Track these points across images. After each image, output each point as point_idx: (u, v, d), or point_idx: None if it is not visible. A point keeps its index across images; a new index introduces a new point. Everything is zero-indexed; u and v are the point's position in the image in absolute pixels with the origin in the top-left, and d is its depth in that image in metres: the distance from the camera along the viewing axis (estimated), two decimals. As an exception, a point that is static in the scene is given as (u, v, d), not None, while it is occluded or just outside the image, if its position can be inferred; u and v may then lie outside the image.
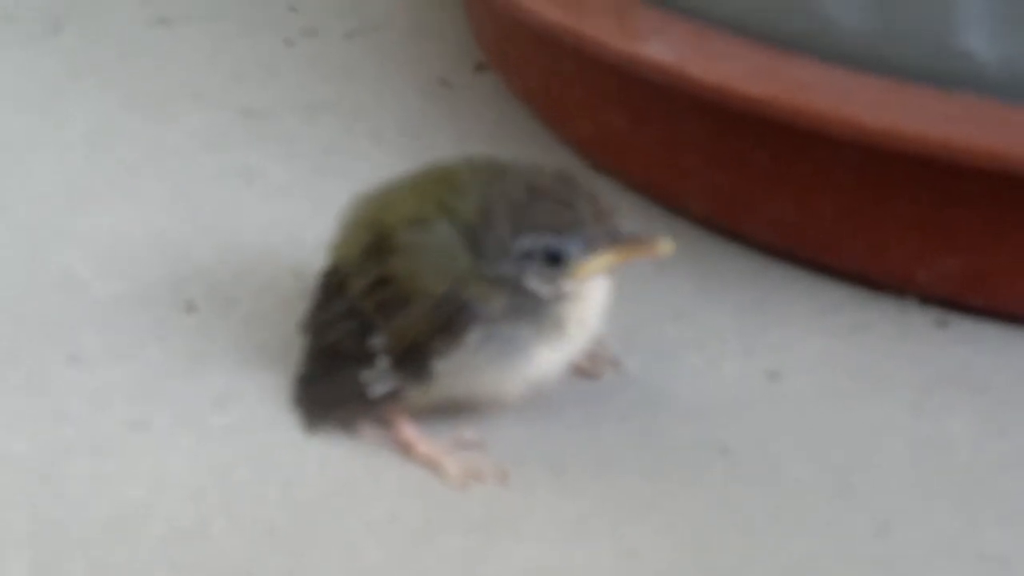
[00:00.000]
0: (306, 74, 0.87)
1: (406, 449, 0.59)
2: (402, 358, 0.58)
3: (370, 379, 0.58)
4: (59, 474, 0.59)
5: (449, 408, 0.60)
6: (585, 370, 0.63)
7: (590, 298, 0.58)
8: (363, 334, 0.59)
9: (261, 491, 0.58)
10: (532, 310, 0.57)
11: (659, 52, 0.68)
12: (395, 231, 0.58)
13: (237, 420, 0.61)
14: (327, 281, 0.61)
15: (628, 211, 0.64)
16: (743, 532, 0.56)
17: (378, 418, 0.60)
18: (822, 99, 0.63)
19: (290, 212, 0.74)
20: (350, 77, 0.87)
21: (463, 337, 0.57)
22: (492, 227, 0.57)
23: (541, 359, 0.58)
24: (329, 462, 0.59)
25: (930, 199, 0.64)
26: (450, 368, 0.57)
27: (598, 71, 0.72)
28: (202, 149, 0.80)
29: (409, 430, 0.59)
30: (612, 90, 0.74)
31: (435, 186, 0.59)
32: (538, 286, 0.57)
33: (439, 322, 0.57)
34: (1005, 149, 0.61)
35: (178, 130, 0.82)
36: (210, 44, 0.91)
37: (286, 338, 0.63)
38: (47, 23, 0.93)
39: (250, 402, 0.62)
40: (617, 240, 0.57)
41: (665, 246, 0.57)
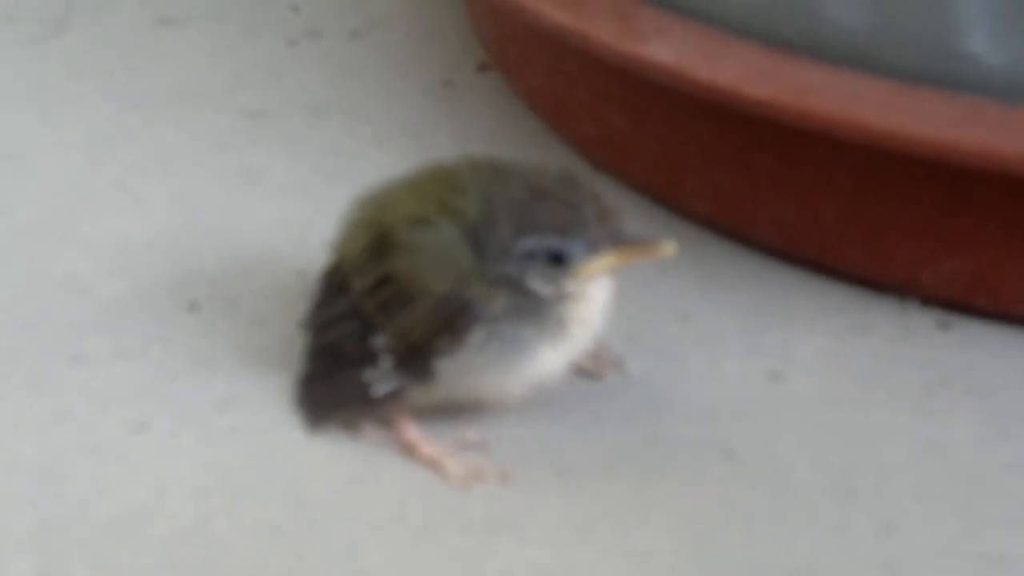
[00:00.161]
0: (308, 75, 0.87)
1: (408, 449, 0.59)
2: (404, 358, 0.58)
3: (372, 379, 0.58)
4: (61, 474, 0.59)
5: (451, 408, 0.60)
6: (587, 371, 0.63)
7: (592, 298, 0.58)
8: (365, 334, 0.59)
9: (263, 491, 0.58)
10: (534, 310, 0.57)
11: (661, 53, 0.68)
12: (396, 230, 0.58)
13: (239, 420, 0.61)
14: (328, 280, 0.61)
15: (630, 212, 0.64)
16: (745, 532, 0.56)
17: (380, 418, 0.60)
18: (827, 101, 0.63)
19: (293, 212, 0.74)
20: (353, 78, 0.87)
21: (465, 337, 0.57)
22: (494, 227, 0.56)
23: (543, 359, 0.58)
24: (331, 462, 0.59)
25: (933, 201, 0.64)
26: (452, 368, 0.57)
27: (600, 72, 0.72)
28: (204, 150, 0.80)
29: (411, 430, 0.59)
30: (614, 91, 0.74)
31: (436, 185, 0.59)
32: (540, 286, 0.57)
33: (441, 322, 0.57)
34: (1010, 152, 0.60)
35: (180, 131, 0.81)
36: (212, 45, 0.91)
37: (289, 339, 0.63)
38: (48, 24, 0.93)
39: (252, 402, 0.62)
40: (620, 241, 0.57)
41: (668, 248, 0.57)
